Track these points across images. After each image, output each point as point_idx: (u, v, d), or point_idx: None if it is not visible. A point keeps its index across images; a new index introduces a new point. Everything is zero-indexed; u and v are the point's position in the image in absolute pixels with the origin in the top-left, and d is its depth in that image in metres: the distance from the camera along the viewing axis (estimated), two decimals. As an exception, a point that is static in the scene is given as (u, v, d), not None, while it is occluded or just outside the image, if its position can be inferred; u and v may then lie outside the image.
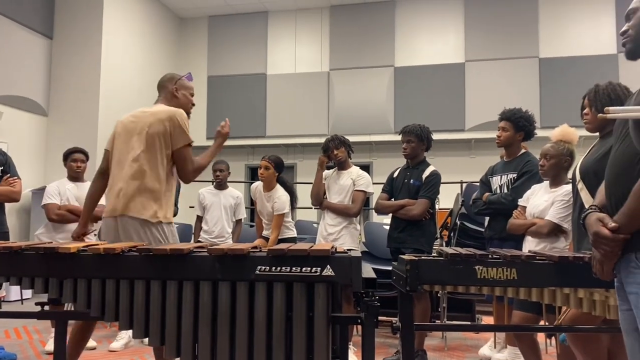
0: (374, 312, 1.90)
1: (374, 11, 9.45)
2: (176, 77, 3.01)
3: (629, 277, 1.54)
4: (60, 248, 2.04)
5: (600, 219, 1.58)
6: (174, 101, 2.94)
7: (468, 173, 7.88)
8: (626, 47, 1.67)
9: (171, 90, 2.96)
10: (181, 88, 2.98)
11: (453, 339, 4.67)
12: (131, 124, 2.83)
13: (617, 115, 1.60)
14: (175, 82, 2.97)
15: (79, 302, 2.03)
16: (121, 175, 2.76)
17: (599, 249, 1.57)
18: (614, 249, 1.53)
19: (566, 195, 2.98)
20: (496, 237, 3.54)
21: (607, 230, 1.53)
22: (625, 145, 1.61)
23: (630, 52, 1.66)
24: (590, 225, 1.62)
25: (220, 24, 10.14)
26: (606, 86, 2.59)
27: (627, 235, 1.51)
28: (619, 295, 1.67)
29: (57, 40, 8.11)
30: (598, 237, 1.56)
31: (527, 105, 4.25)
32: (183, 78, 3.01)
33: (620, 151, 1.63)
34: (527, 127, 3.61)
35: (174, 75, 3.04)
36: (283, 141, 9.50)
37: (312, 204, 4.26)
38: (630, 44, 1.65)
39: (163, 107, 2.87)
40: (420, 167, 3.98)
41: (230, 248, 1.96)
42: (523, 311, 2.96)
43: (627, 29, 1.65)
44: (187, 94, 3.01)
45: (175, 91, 2.96)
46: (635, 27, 1.62)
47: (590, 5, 8.65)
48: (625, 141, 1.62)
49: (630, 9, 1.66)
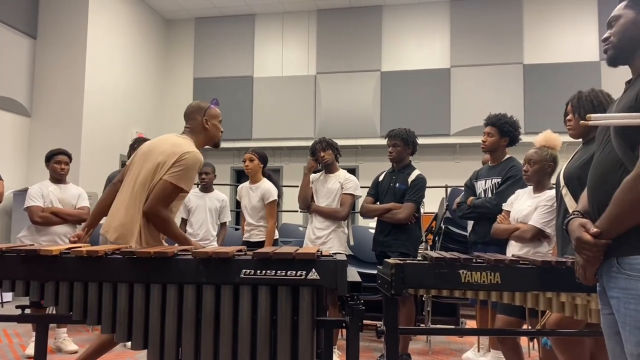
0: (358, 316, 1.90)
1: (361, 16, 9.49)
2: (204, 107, 2.85)
3: (610, 281, 1.56)
4: (42, 250, 2.01)
5: (583, 224, 1.61)
6: (203, 133, 2.82)
7: (453, 177, 7.93)
8: (607, 54, 1.69)
9: (201, 122, 2.81)
10: (211, 118, 2.83)
11: (437, 343, 4.69)
12: (149, 148, 2.75)
13: (598, 122, 1.63)
14: (205, 113, 2.82)
15: (61, 305, 2.00)
16: (120, 198, 2.71)
17: (581, 254, 1.59)
18: (596, 254, 1.55)
19: (549, 201, 3.01)
20: (480, 241, 3.56)
21: (589, 235, 1.56)
22: (607, 151, 1.63)
23: (611, 59, 1.69)
24: (572, 231, 1.64)
25: (206, 26, 10.11)
26: (589, 93, 2.62)
27: (609, 241, 1.53)
28: (600, 299, 1.69)
29: (41, 40, 8.03)
30: (580, 243, 1.58)
31: (511, 110, 4.29)
32: (211, 106, 2.87)
33: (602, 157, 1.65)
34: (512, 132, 3.64)
35: (201, 104, 2.87)
36: (269, 144, 9.48)
37: (299, 207, 4.26)
38: (611, 50, 1.68)
39: (184, 140, 2.74)
40: (405, 171, 4.00)
41: (215, 251, 1.95)
42: (506, 315, 2.98)
43: (609, 36, 1.68)
44: (217, 123, 2.87)
45: (206, 123, 2.81)
46: (616, 35, 1.65)
47: (574, 13, 8.78)
48: (607, 147, 1.64)
49: (612, 16, 1.68)
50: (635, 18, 1.61)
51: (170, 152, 2.63)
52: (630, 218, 1.48)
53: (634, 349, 1.48)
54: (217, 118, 2.87)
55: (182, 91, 10.09)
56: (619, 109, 1.62)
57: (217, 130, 2.87)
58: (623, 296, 1.51)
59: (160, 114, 10.01)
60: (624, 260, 1.51)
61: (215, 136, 2.86)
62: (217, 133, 2.88)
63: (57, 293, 2.01)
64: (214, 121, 2.85)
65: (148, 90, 9.62)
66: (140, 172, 2.68)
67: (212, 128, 2.84)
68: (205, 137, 2.83)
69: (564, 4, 8.88)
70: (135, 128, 9.02)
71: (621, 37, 1.64)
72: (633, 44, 1.62)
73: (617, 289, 1.53)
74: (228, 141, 9.63)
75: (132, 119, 9.05)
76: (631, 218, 1.48)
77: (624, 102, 1.60)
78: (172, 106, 10.10)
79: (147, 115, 9.55)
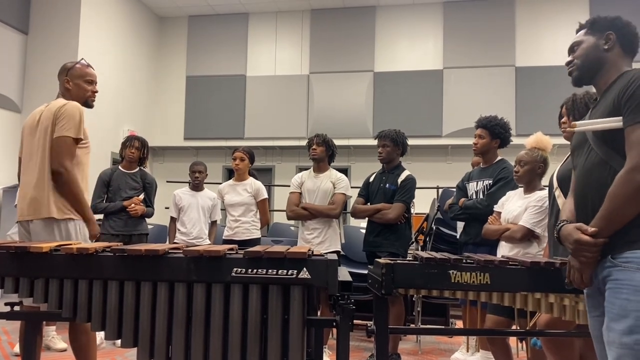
0: (349, 315, 1.91)
1: (355, 16, 9.51)
2: (68, 67, 2.80)
3: (605, 276, 1.60)
4: (32, 247, 2.00)
5: (578, 227, 1.64)
6: (67, 94, 2.80)
7: (444, 178, 7.97)
8: (572, 75, 1.85)
9: (63, 82, 2.79)
10: (73, 78, 2.79)
11: (427, 343, 4.71)
12: (30, 124, 2.80)
13: (583, 128, 1.73)
14: (67, 73, 2.78)
15: (51, 302, 2.00)
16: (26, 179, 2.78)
17: (579, 257, 1.63)
18: (594, 254, 1.60)
19: (539, 201, 3.04)
20: (471, 242, 3.58)
21: (587, 236, 1.60)
22: (592, 159, 1.71)
23: (576, 79, 1.84)
24: (568, 235, 1.67)
25: (200, 24, 10.08)
26: (583, 95, 2.64)
27: (606, 240, 1.58)
28: (590, 302, 1.72)
29: (32, 35, 7.97)
30: (579, 245, 1.61)
31: (503, 112, 4.31)
32: (76, 66, 2.80)
33: (588, 165, 1.72)
34: (503, 134, 3.67)
35: (67, 64, 2.82)
36: (261, 143, 9.47)
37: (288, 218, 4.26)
38: (576, 72, 1.83)
39: (54, 101, 2.76)
40: (395, 171, 4.02)
41: (206, 249, 1.95)
42: (496, 315, 3.00)
43: (572, 59, 1.85)
44: (81, 82, 2.81)
45: (67, 83, 2.79)
46: (580, 57, 1.82)
47: (566, 16, 8.83)
48: (590, 156, 1.72)
49: (574, 42, 1.87)
50: (596, 42, 1.79)
51: (49, 115, 2.68)
52: (626, 212, 1.54)
53: (616, 337, 1.51)
54: (82, 77, 2.81)
55: (175, 89, 10.06)
56: (597, 117, 1.71)
57: (82, 89, 2.81)
58: (615, 286, 1.55)
59: (152, 111, 9.97)
60: (618, 255, 1.56)
61: (80, 96, 2.82)
62: (82, 92, 2.83)
63: (46, 290, 2.00)
64: (78, 80, 2.80)
65: (140, 88, 9.57)
66: (34, 145, 2.72)
67: (75, 88, 2.80)
68: (71, 98, 2.79)
69: (556, 8, 8.94)
70: (127, 125, 8.98)
71: (584, 60, 1.81)
72: (595, 65, 1.78)
73: (612, 281, 1.56)
74: (220, 140, 9.63)
75: (124, 116, 9.00)
76: (627, 212, 1.54)
77: (601, 111, 1.70)
78: (164, 104, 10.07)
79: (138, 113, 9.51)
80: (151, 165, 9.85)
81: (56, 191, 2.65)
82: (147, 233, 4.64)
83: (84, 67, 2.84)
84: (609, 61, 1.76)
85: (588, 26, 1.85)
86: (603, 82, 1.77)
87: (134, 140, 4.63)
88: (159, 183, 5.04)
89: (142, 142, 4.69)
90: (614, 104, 1.64)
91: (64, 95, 2.82)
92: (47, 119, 2.69)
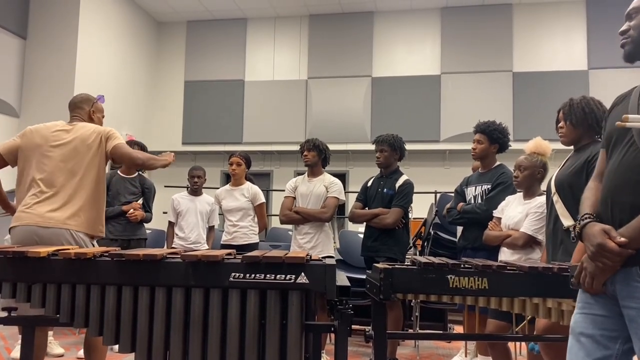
0: (347, 320, 1.91)
1: (353, 22, 9.53)
2: (92, 100, 3.07)
3: (626, 290, 1.47)
4: (30, 252, 2.00)
5: (606, 230, 1.48)
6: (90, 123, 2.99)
7: (442, 183, 7.98)
8: (625, 49, 1.59)
9: (88, 112, 3.02)
10: (97, 112, 3.06)
11: (425, 348, 4.70)
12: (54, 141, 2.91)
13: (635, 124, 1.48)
14: (92, 105, 3.04)
15: (48, 307, 1.99)
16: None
17: (598, 261, 1.47)
18: (616, 263, 1.45)
19: (539, 207, 3.03)
20: (469, 246, 3.58)
21: (615, 244, 1.44)
22: (632, 154, 1.51)
23: (629, 55, 1.59)
24: (592, 236, 1.50)
25: (198, 29, 10.10)
26: (580, 100, 2.65)
27: (634, 251, 1.43)
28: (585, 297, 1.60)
29: (31, 40, 7.98)
30: (602, 250, 1.45)
31: (501, 118, 4.32)
32: (98, 101, 3.10)
33: (626, 160, 1.53)
34: (501, 139, 3.67)
35: (90, 97, 3.09)
36: (260, 148, 9.48)
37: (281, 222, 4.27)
38: (629, 45, 1.58)
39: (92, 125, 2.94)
40: (393, 176, 4.02)
41: (204, 254, 1.95)
42: (497, 319, 3.00)
43: (628, 29, 1.58)
44: (101, 118, 3.10)
45: (92, 114, 3.03)
46: (637, 28, 1.55)
47: (563, 22, 8.87)
48: (630, 150, 1.52)
49: (632, 7, 1.59)
50: None
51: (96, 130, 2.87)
52: None
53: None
54: (101, 112, 3.11)
55: (173, 94, 10.07)
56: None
57: (100, 124, 3.07)
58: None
59: (151, 116, 9.97)
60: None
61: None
62: (100, 124, 3.07)
63: (44, 295, 2.00)
64: (99, 114, 3.08)
65: (139, 93, 9.58)
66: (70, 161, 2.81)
67: (97, 120, 3.05)
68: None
69: (553, 13, 8.97)
70: (125, 130, 8.97)
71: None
72: None
73: (637, 299, 1.43)
74: (218, 144, 9.63)
75: (122, 121, 8.99)
76: None
77: None
78: (163, 109, 10.07)
79: (137, 118, 9.51)
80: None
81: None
82: (145, 238, 4.63)
83: (101, 104, 3.15)
84: None
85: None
86: None
87: (132, 145, 4.63)
88: (157, 188, 5.03)
89: (141, 146, 4.68)
90: None
91: (83, 122, 3.00)
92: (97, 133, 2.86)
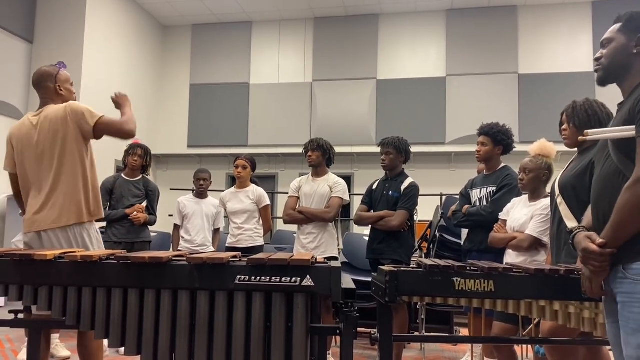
0: (353, 323, 1.90)
1: (358, 24, 9.54)
2: (53, 73, 2.77)
3: (616, 287, 1.61)
4: (37, 255, 2.01)
5: (588, 236, 1.66)
6: (59, 99, 2.78)
7: (448, 185, 7.95)
8: (597, 74, 1.80)
9: (54, 88, 2.77)
10: (63, 83, 2.80)
11: (431, 351, 4.68)
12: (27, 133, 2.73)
13: (595, 137, 1.71)
14: (55, 79, 2.77)
15: (55, 310, 2.00)
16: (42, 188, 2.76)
17: (588, 265, 1.64)
18: (602, 264, 1.60)
19: (545, 210, 3.02)
20: (475, 249, 3.56)
21: (595, 245, 1.60)
22: (608, 165, 1.69)
23: (600, 80, 1.80)
24: (578, 243, 1.69)
25: (203, 32, 10.13)
26: (583, 102, 2.64)
27: (614, 250, 1.58)
28: (605, 308, 1.74)
29: (37, 44, 8.02)
30: (587, 253, 1.62)
31: (506, 120, 4.31)
32: (60, 71, 2.79)
33: (603, 171, 1.71)
34: (505, 141, 3.66)
35: (49, 70, 2.79)
36: (265, 151, 9.49)
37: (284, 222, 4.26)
38: (601, 72, 1.78)
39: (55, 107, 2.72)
40: (398, 179, 4.01)
41: (210, 257, 1.95)
42: (503, 322, 2.98)
43: (600, 56, 1.78)
44: (69, 87, 2.83)
45: (59, 89, 2.78)
46: (607, 58, 1.75)
47: (569, 24, 8.85)
48: (607, 162, 1.70)
49: (605, 38, 1.78)
50: (626, 44, 1.71)
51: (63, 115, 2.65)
52: (633, 223, 1.53)
53: (633, 352, 1.51)
54: (68, 82, 2.84)
55: (179, 97, 10.10)
56: (615, 125, 1.69)
57: (71, 93, 2.84)
58: (628, 300, 1.55)
59: (156, 119, 10.00)
60: (629, 266, 1.56)
61: (70, 99, 2.82)
62: (72, 96, 2.84)
63: (50, 298, 2.01)
64: (66, 85, 2.82)
65: (144, 96, 9.61)
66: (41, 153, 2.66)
67: (66, 92, 2.81)
68: (62, 103, 2.78)
69: (558, 16, 8.95)
70: (131, 133, 9.00)
71: (611, 62, 1.74)
72: (621, 69, 1.73)
73: (623, 294, 1.57)
74: (224, 147, 9.65)
75: (128, 125, 9.02)
76: (634, 223, 1.53)
77: (619, 119, 1.68)
78: (168, 112, 10.10)
79: (143, 121, 9.52)
80: (155, 173, 9.87)
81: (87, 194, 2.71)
82: (149, 241, 4.64)
83: (66, 72, 2.86)
84: (636, 67, 1.70)
85: (623, 22, 1.75)
86: (628, 86, 1.72)
87: (136, 148, 4.65)
88: (162, 191, 5.05)
89: (145, 149, 4.70)
90: (629, 112, 1.62)
91: (53, 100, 2.77)
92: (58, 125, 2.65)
